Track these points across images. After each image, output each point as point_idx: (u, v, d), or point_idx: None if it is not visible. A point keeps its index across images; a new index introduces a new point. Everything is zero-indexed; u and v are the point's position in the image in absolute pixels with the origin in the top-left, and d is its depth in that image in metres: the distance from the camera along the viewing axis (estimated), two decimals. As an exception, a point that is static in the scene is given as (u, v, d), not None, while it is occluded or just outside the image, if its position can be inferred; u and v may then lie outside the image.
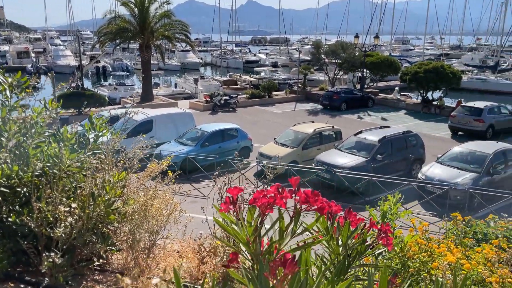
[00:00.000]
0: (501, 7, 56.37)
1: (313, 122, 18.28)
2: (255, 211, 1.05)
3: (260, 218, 1.06)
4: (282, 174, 14.78)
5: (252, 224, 1.02)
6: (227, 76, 44.26)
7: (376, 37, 35.04)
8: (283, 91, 33.89)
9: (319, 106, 29.44)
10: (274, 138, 16.86)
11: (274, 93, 32.34)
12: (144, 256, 2.69)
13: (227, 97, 28.33)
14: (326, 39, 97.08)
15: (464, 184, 12.17)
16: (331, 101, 28.44)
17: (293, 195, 1.13)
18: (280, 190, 1.11)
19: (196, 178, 14.38)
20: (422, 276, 2.35)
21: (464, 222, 5.64)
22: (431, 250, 2.64)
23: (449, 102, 28.86)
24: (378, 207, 3.01)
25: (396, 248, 2.52)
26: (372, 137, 14.92)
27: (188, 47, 45.82)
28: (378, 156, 14.16)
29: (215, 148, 15.84)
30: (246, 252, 1.04)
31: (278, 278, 0.89)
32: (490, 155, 13.05)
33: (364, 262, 1.81)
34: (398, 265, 2.52)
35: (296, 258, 1.14)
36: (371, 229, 1.37)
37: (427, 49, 73.84)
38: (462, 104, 22.73)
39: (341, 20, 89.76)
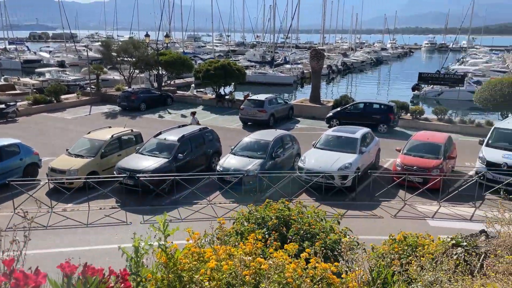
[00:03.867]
0: (270, 9, 65.61)
1: (110, 127, 17.41)
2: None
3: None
4: (81, 187, 13.68)
5: None
6: (1, 80, 37.48)
7: (167, 36, 35.74)
8: (75, 94, 31.09)
9: (117, 108, 28.31)
10: (67, 149, 15.36)
11: (63, 96, 29.33)
12: None
13: (2, 106, 24.10)
14: (118, 35, 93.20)
15: (254, 170, 13.90)
16: (129, 101, 27.80)
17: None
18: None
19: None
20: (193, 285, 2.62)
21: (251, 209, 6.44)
22: (203, 256, 2.96)
23: (240, 95, 32.07)
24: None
25: (169, 263, 2.72)
26: (172, 137, 15.32)
27: None
28: (179, 155, 14.66)
29: (-10, 170, 13.33)
30: None
31: None
32: (271, 142, 15.25)
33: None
34: (175, 279, 2.74)
35: None
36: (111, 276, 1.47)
37: (217, 46, 79.90)
38: (248, 98, 25.67)
39: (132, 14, 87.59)
